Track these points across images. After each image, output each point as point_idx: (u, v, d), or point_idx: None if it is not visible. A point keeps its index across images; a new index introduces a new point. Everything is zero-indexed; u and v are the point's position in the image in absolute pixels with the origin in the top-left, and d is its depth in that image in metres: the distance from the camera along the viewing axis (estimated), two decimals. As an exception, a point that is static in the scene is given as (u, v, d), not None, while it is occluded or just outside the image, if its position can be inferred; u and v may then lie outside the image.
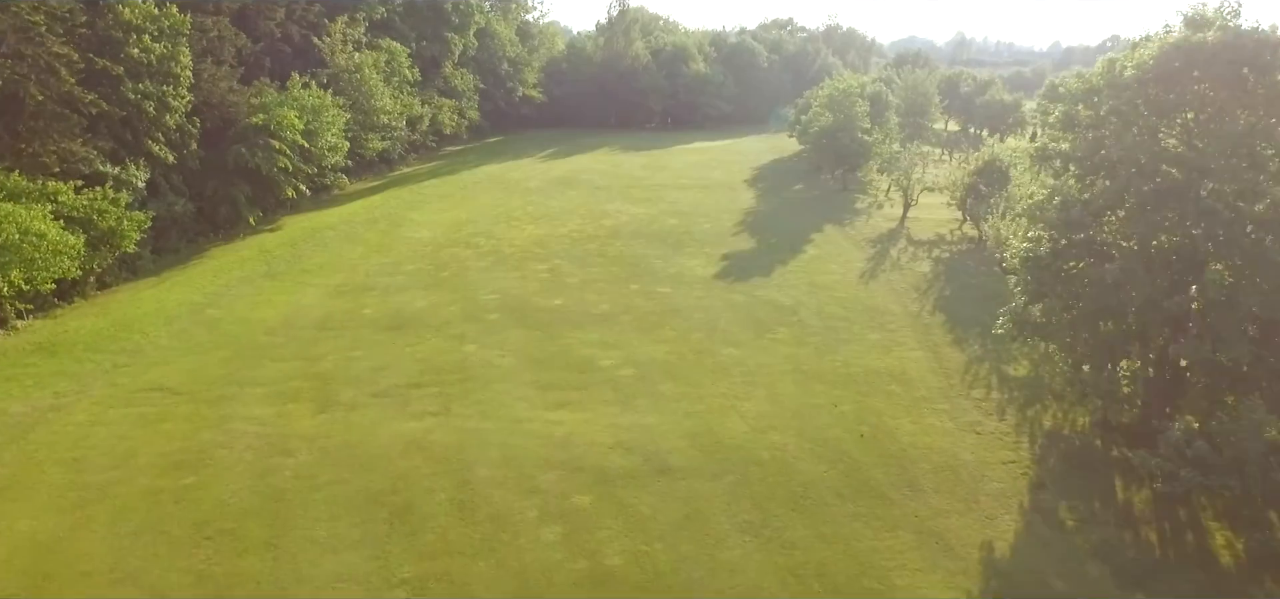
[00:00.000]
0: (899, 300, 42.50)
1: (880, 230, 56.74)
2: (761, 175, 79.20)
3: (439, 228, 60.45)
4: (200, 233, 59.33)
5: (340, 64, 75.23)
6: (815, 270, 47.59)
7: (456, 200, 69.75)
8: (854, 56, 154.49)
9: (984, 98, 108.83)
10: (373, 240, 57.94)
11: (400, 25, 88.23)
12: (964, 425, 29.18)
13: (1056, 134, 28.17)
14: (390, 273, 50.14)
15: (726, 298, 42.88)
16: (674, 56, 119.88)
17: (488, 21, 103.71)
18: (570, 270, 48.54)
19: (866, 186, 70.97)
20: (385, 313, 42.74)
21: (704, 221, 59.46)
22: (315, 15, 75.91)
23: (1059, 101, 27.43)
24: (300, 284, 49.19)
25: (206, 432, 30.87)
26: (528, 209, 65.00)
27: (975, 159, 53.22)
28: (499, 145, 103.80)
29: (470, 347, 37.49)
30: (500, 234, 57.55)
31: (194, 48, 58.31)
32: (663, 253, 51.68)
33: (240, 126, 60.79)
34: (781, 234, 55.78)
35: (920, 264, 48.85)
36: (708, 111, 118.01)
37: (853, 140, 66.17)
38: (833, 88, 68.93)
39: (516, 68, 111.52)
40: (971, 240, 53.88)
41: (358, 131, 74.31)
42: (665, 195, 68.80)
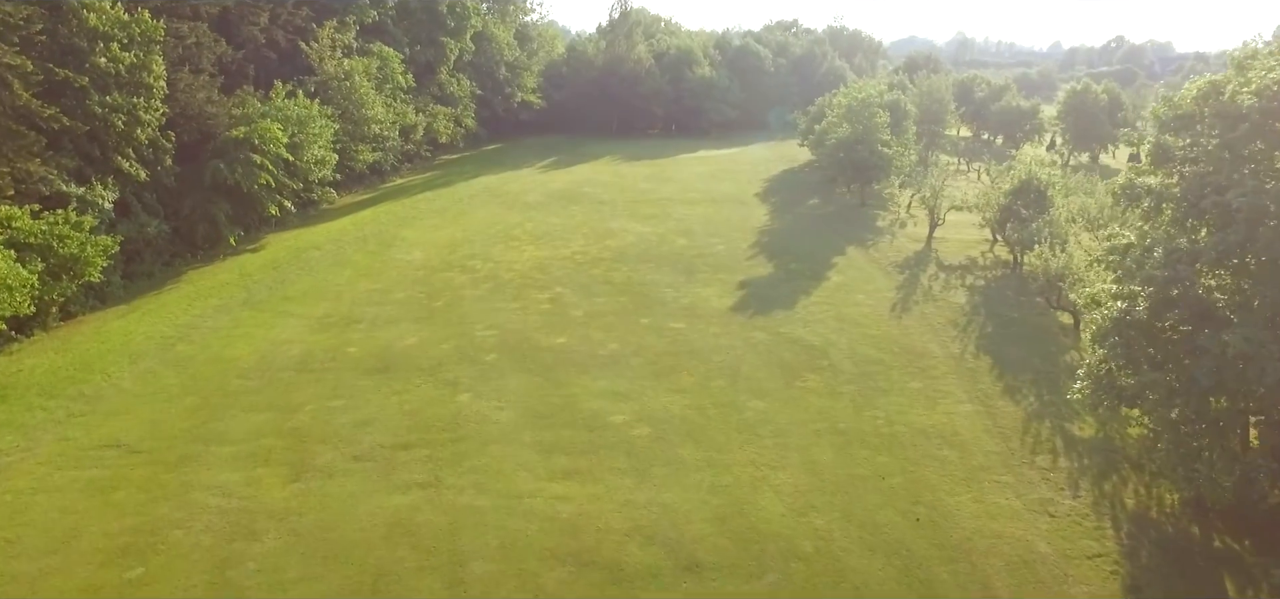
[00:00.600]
0: (937, 338, 38.57)
1: (906, 253, 52.81)
2: (773, 188, 75.27)
3: (432, 248, 56.48)
4: (176, 254, 55.37)
5: (329, 71, 71.23)
6: (842, 301, 43.66)
7: (452, 216, 65.78)
8: (861, 59, 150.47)
9: (999, 104, 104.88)
10: (361, 263, 53.98)
11: (393, 29, 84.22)
12: (1034, 505, 25.24)
13: (1143, 168, 24.23)
14: (378, 301, 46.19)
15: (747, 336, 38.93)
16: (678, 60, 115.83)
17: (485, 24, 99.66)
18: (574, 300, 44.59)
19: (887, 202, 67.07)
20: (371, 351, 38.80)
21: (716, 242, 55.51)
22: (303, 19, 71.89)
23: (1168, 130, 23.20)
24: (281, 314, 45.27)
25: (163, 504, 26.96)
26: (527, 227, 61.03)
27: (1010, 177, 49.27)
28: (497, 154, 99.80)
29: (464, 396, 33.53)
30: (498, 256, 53.59)
31: (169, 56, 54.35)
32: (673, 279, 47.73)
33: (220, 140, 56.81)
34: (801, 257, 51.85)
35: (954, 294, 44.93)
36: (713, 117, 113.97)
37: (872, 153, 62.25)
38: (851, 98, 64.97)
39: (515, 72, 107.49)
40: (1005, 265, 49.98)
41: (347, 143, 70.35)
42: (673, 211, 64.85)
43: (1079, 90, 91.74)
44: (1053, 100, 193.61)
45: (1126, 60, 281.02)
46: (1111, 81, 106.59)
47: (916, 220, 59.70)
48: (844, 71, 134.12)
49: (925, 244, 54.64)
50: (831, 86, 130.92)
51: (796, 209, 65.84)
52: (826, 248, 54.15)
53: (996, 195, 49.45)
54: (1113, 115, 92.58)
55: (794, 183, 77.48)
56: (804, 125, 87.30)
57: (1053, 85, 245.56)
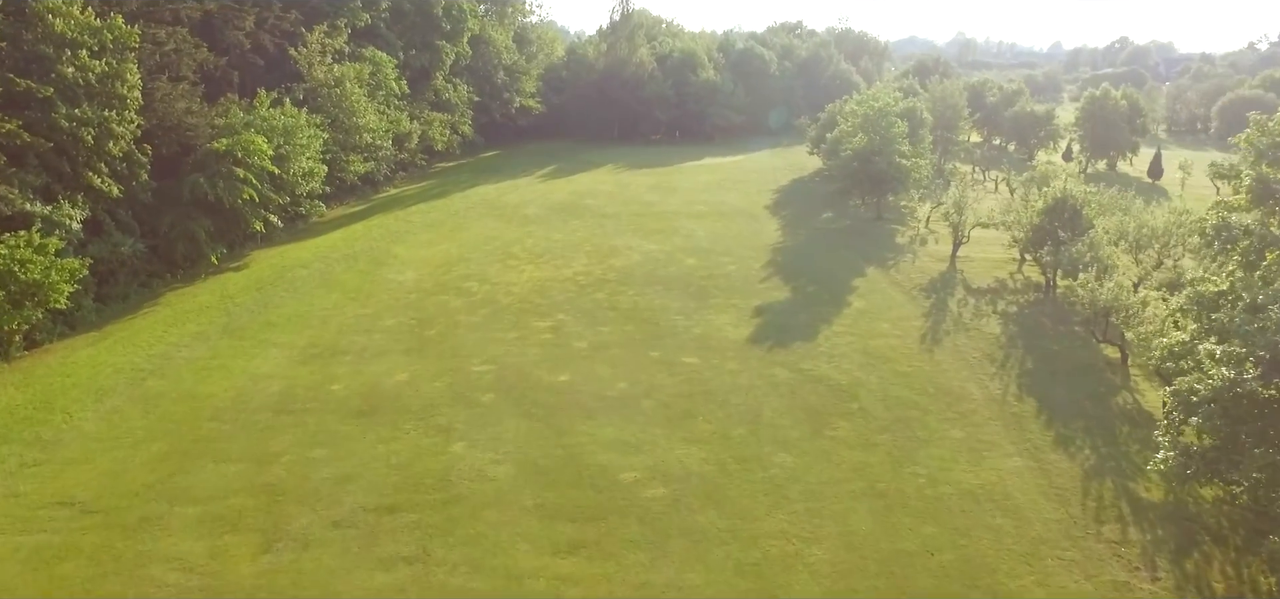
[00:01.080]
0: (974, 376, 35.37)
1: (929, 274, 49.61)
2: (783, 200, 72.06)
3: (426, 267, 53.25)
4: (154, 274, 52.15)
5: (318, 78, 68.00)
6: (866, 331, 40.44)
7: (446, 230, 62.53)
8: (867, 63, 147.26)
9: (1012, 110, 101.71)
10: (350, 283, 50.75)
11: (386, 33, 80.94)
12: (1108, 589, 22.05)
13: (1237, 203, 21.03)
14: (367, 329, 42.97)
15: (768, 373, 35.71)
16: (681, 63, 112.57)
17: (482, 27, 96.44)
18: (577, 329, 41.37)
19: (904, 216, 63.89)
20: (357, 389, 35.58)
21: (727, 261, 52.28)
22: (291, 23, 68.61)
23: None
24: (262, 343, 42.05)
25: (114, 579, 23.79)
26: (526, 243, 57.78)
27: (1043, 195, 46.05)
28: (494, 161, 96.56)
29: (458, 445, 30.31)
30: (495, 277, 50.36)
31: (145, 63, 51.15)
32: (684, 304, 44.51)
33: (200, 152, 53.57)
34: (818, 278, 48.65)
35: (986, 322, 41.73)
36: (717, 122, 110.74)
37: (890, 165, 59.08)
38: (867, 107, 61.75)
39: (513, 76, 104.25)
40: (1037, 288, 46.82)
41: (337, 153, 67.12)
42: (679, 226, 61.63)
43: (1098, 96, 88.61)
44: (1058, 102, 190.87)
45: (1132, 62, 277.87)
46: (1130, 86, 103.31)
47: (938, 237, 56.51)
48: (850, 75, 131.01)
49: (949, 264, 51.45)
50: (838, 90, 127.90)
51: (810, 223, 62.63)
52: (845, 268, 50.94)
53: (1028, 214, 46.22)
54: (1132, 121, 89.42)
55: (805, 194, 74.27)
56: (814, 133, 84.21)
57: (1058, 87, 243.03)
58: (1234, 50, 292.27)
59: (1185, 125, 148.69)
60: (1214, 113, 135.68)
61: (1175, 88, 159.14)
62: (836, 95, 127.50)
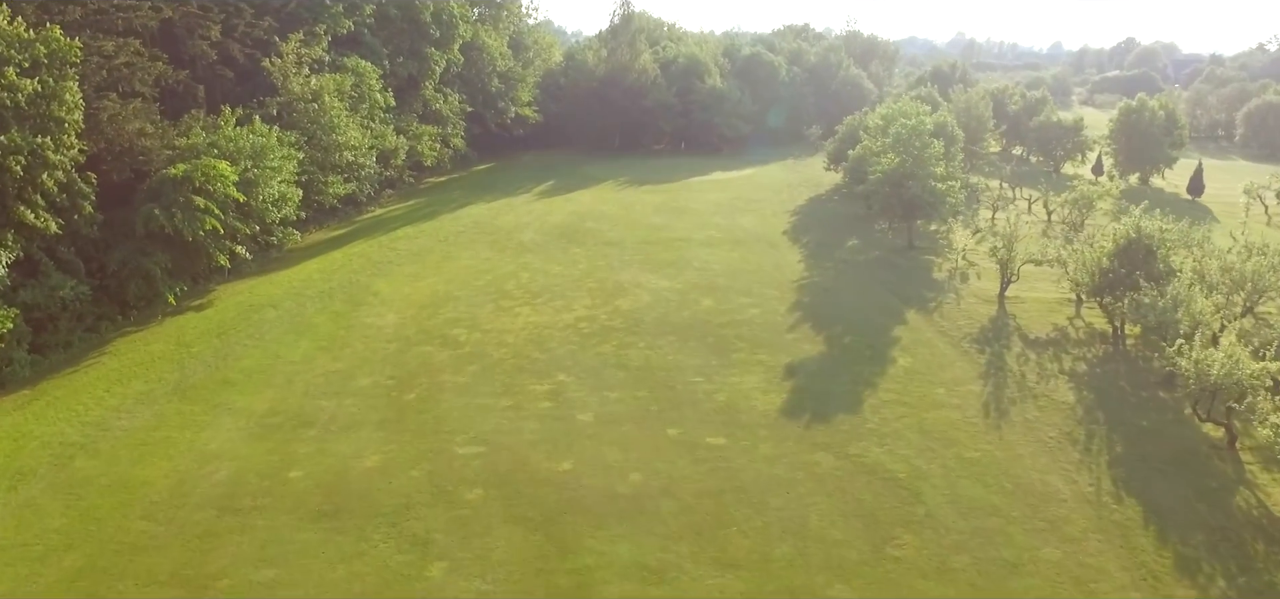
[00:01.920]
0: (1056, 463, 29.65)
1: (978, 319, 43.88)
2: (803, 223, 66.28)
3: (408, 308, 47.45)
4: (103, 317, 46.29)
5: (294, 91, 62.11)
6: (919, 398, 34.70)
7: (434, 261, 56.68)
8: (877, 67, 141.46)
9: (1038, 119, 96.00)
10: (322, 329, 44.96)
11: (371, 40, 75.04)
12: None
13: None
14: (338, 390, 37.21)
15: (809, 459, 29.96)
16: (686, 69, 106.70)
17: (475, 33, 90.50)
18: (580, 395, 35.58)
19: (937, 243, 58.13)
20: (320, 478, 29.82)
21: (748, 303, 46.51)
22: (264, 31, 62.70)
23: None
24: (215, 408, 36.33)
25: None
26: (521, 278, 51.98)
27: (1115, 234, 40.27)
28: (488, 175, 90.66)
29: (436, 567, 24.56)
30: (486, 322, 44.57)
31: (91, 80, 45.34)
32: (703, 360, 38.75)
33: (156, 179, 47.72)
34: (854, 325, 42.92)
35: (1055, 385, 36.00)
36: (724, 132, 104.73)
37: (925, 190, 53.33)
38: (899, 125, 55.94)
39: (509, 84, 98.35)
40: (1103, 338, 41.14)
41: (315, 173, 61.28)
42: (692, 256, 55.84)
43: (1134, 107, 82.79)
44: (1068, 106, 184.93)
45: (1139, 63, 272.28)
46: (1165, 95, 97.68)
47: (979, 272, 50.78)
48: (861, 80, 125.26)
49: (997, 306, 45.73)
50: (849, 96, 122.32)
51: (835, 253, 56.85)
52: (881, 311, 45.19)
53: (1095, 255, 40.48)
54: (1169, 132, 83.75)
55: (825, 216, 68.50)
56: (833, 147, 78.56)
57: (1067, 90, 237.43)
58: (1242, 51, 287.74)
59: (1206, 132, 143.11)
60: (1239, 119, 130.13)
61: (1195, 93, 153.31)
62: (847, 101, 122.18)
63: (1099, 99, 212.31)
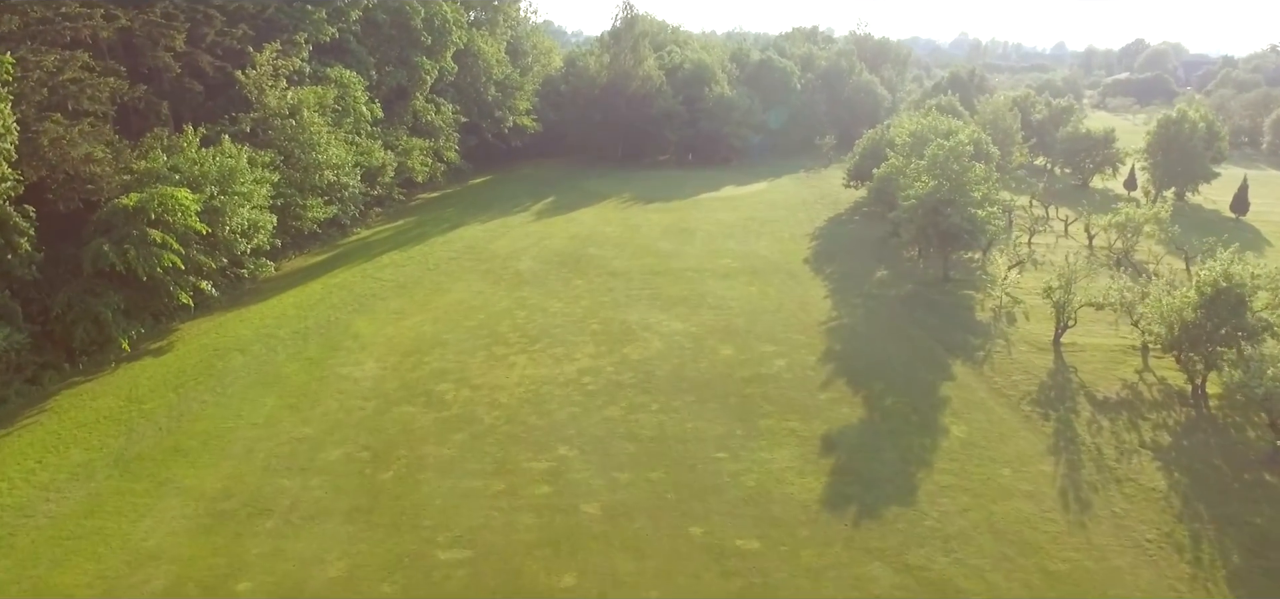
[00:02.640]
0: (1164, 580, 24.47)
1: (1034, 373, 38.66)
2: (824, 248, 61.02)
3: (390, 354, 42.27)
4: (47, 365, 41.15)
5: (270, 105, 56.86)
6: (983, 483, 29.49)
7: (421, 295, 51.47)
8: (890, 71, 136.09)
9: (1065, 129, 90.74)
10: (293, 380, 39.80)
11: (356, 48, 69.80)
12: None
13: None
14: (303, 466, 32.07)
15: (862, 572, 24.77)
16: (692, 76, 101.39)
17: (470, 39, 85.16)
18: (585, 476, 30.39)
19: (974, 273, 52.90)
20: (273, 593, 24.63)
21: (772, 352, 41.31)
22: (237, 40, 57.44)
23: None
24: (161, 486, 31.33)
25: None
26: (517, 317, 46.79)
27: (1199, 281, 35.03)
28: (484, 190, 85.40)
29: None
30: (477, 375, 39.38)
31: (30, 98, 40.09)
32: (726, 428, 33.55)
33: (107, 210, 42.54)
34: (895, 381, 37.71)
35: (1139, 465, 30.79)
36: (733, 143, 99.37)
37: (965, 218, 48.11)
38: (936, 148, 50.60)
39: (506, 92, 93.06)
40: (1181, 397, 35.93)
41: (292, 196, 56.03)
42: (706, 291, 50.63)
43: (1173, 119, 77.50)
44: (1082, 110, 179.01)
45: (1150, 65, 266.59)
46: (1205, 106, 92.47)
47: (1026, 310, 45.60)
48: (874, 86, 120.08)
49: (1053, 355, 40.53)
50: (862, 103, 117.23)
51: (863, 286, 51.60)
52: (923, 362, 39.97)
53: (1176, 306, 35.24)
54: (1210, 145, 78.52)
55: (848, 240, 63.24)
56: (854, 163, 73.38)
57: (1078, 92, 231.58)
58: (1255, 53, 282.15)
59: (1231, 141, 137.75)
60: (1267, 126, 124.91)
61: (1218, 99, 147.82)
62: (860, 109, 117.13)
63: (1111, 103, 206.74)
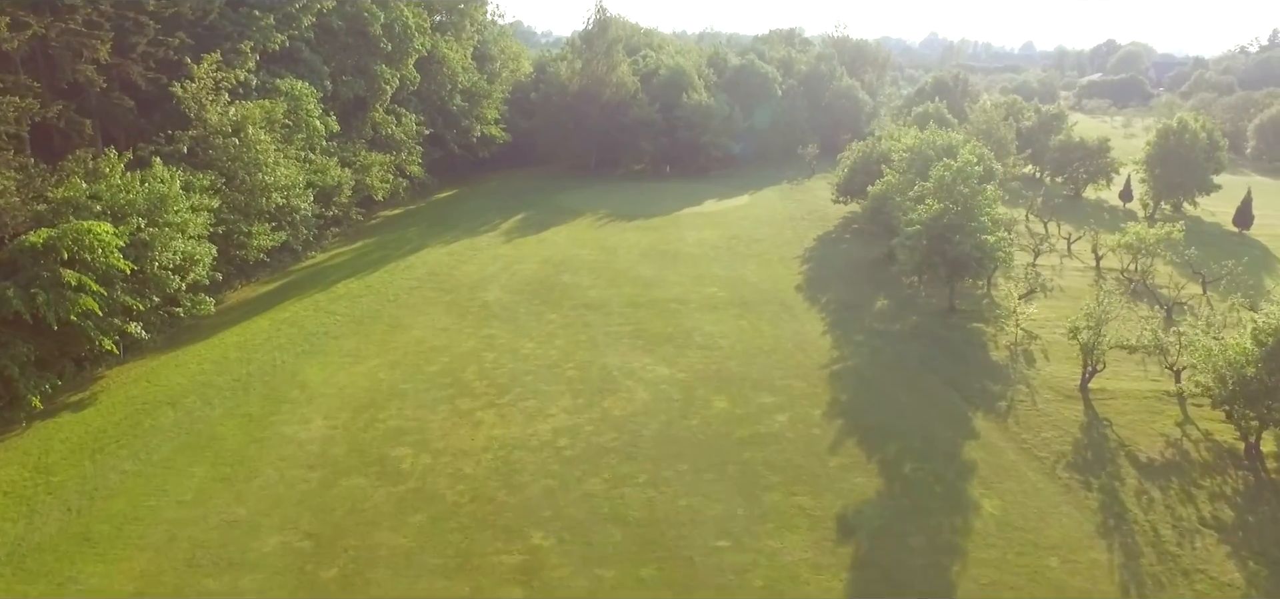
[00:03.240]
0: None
1: (1065, 427, 34.61)
2: (816, 272, 56.80)
3: (341, 408, 37.40)
4: (-58, 428, 35.77)
5: (211, 122, 51.63)
6: (1028, 576, 25.30)
7: (378, 333, 46.56)
8: (871, 76, 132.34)
9: (1058, 137, 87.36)
10: (228, 443, 34.84)
11: (309, 57, 64.56)
12: None
13: None
14: (234, 558, 27.29)
15: (904, 716, 20.38)
16: (669, 82, 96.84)
17: (434, 45, 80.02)
18: (563, 574, 25.83)
19: (981, 302, 48.92)
20: None
21: (771, 403, 36.94)
22: (174, 50, 52.12)
23: None
24: (59, 591, 26.33)
25: None
26: (485, 362, 42.06)
27: (1259, 331, 31.07)
28: (450, 206, 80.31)
29: None
30: (438, 436, 34.64)
31: (-82, 125, 34.73)
32: (726, 507, 29.11)
33: (10, 249, 37.28)
34: (911, 442, 33.46)
35: (1205, 549, 26.77)
36: (712, 152, 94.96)
37: (975, 245, 44.07)
38: (944, 169, 46.42)
39: (473, 101, 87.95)
40: (1232, 456, 32.02)
41: (236, 222, 50.85)
42: (692, 326, 46.21)
43: (1174, 128, 74.23)
44: (1043, 105, 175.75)
45: (1123, 66, 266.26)
46: (1204, 114, 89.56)
47: (1045, 349, 41.68)
48: (855, 91, 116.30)
49: (1083, 404, 36.54)
50: (844, 109, 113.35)
51: (863, 319, 47.42)
52: (940, 415, 35.78)
53: (1229, 359, 31.28)
54: (1211, 155, 75.39)
55: (841, 263, 59.08)
56: (842, 177, 69.30)
57: (1054, 94, 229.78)
58: (1225, 54, 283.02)
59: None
60: (1251, 131, 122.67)
61: (1199, 103, 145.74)
62: (841, 115, 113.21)
63: (1088, 104, 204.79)
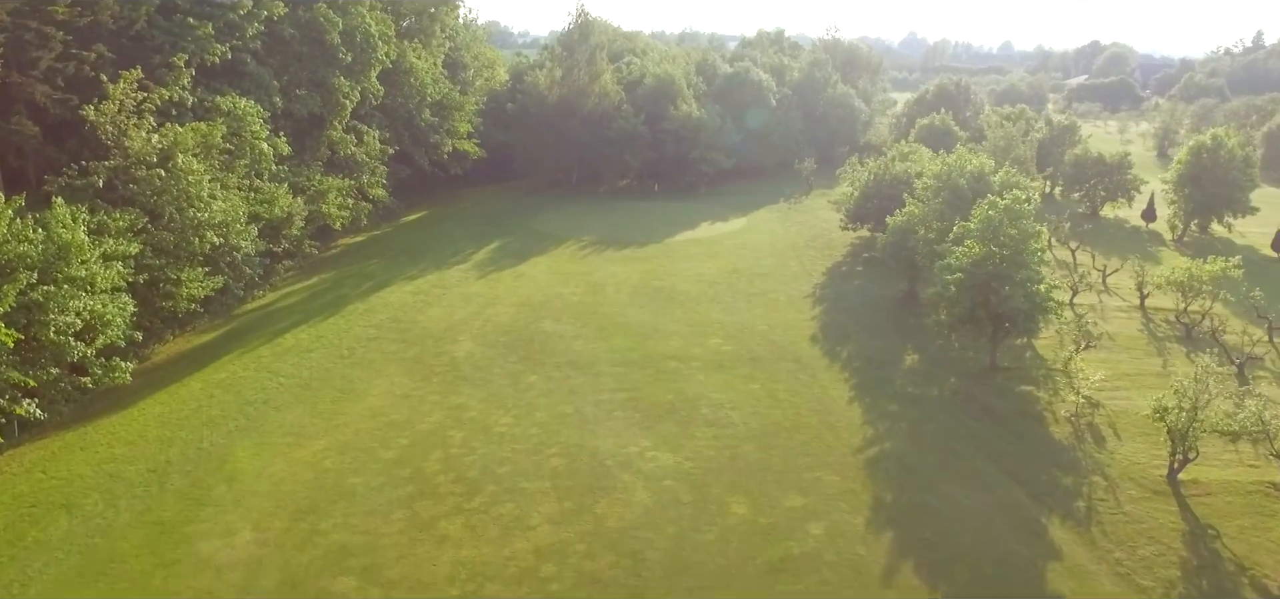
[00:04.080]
0: None
1: (1160, 536, 28.32)
2: (832, 317, 50.26)
3: (275, 516, 30.37)
4: None
5: (134, 150, 44.37)
6: None
7: (327, 401, 39.51)
8: (865, 82, 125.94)
9: (1074, 151, 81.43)
10: (129, 568, 27.97)
11: (256, 70, 57.20)
12: None
13: None
14: None
15: None
16: (656, 92, 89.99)
17: (401, 54, 72.68)
18: None
19: (1024, 357, 42.58)
20: None
21: (801, 508, 30.33)
22: (90, 64, 44.73)
23: None
24: None
25: None
26: (451, 445, 35.12)
27: None
28: (418, 232, 73.09)
29: None
30: (392, 561, 27.73)
31: None
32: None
33: None
34: (981, 567, 26.98)
35: None
36: (704, 169, 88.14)
37: (1026, 297, 37.69)
38: (989, 206, 39.81)
39: (444, 114, 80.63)
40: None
41: (162, 267, 43.58)
42: (698, 392, 39.54)
43: (1208, 145, 68.47)
44: (1041, 111, 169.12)
45: (1111, 68, 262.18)
46: (1235, 130, 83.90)
47: (1113, 421, 35.39)
48: (850, 98, 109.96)
49: (1176, 502, 30.24)
50: (839, 119, 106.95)
51: (893, 379, 40.96)
52: (1008, 523, 29.29)
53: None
54: (1246, 173, 69.69)
55: (856, 303, 52.60)
56: (852, 202, 62.93)
57: (1043, 98, 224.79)
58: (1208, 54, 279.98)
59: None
60: (1259, 139, 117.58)
61: (1201, 109, 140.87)
62: (836, 124, 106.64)
63: (1079, 108, 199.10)
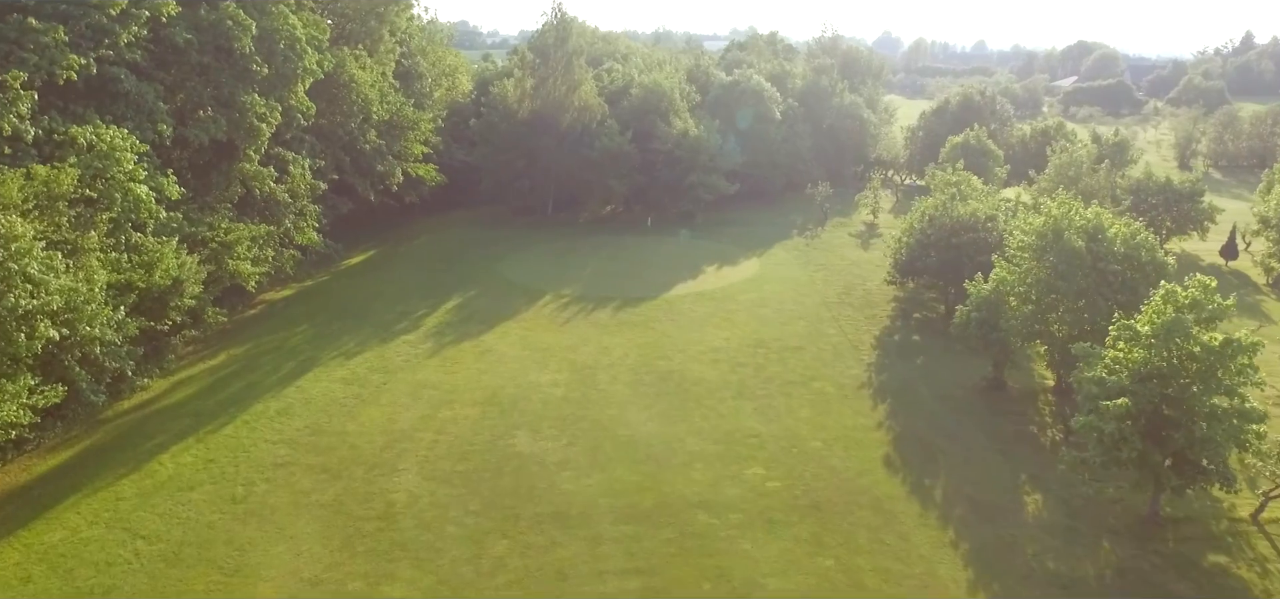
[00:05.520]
0: None
1: None
2: (906, 420, 37.83)
3: None
4: None
5: (-74, 210, 30.70)
6: None
7: (211, 564, 26.34)
8: (870, 88, 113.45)
9: (1131, 172, 69.85)
10: None
11: (135, 88, 43.33)
12: None
13: None
14: None
15: None
16: (644, 106, 76.94)
17: (339, 63, 58.89)
18: None
19: (1206, 514, 30.41)
20: None
21: None
22: None
23: None
24: None
25: None
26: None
27: None
28: (360, 281, 59.30)
29: None
30: None
31: None
32: None
33: None
34: None
35: None
36: (702, 195, 75.09)
37: (1229, 433, 25.56)
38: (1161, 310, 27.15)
39: (394, 134, 66.86)
40: None
41: (-37, 381, 29.98)
42: (743, 575, 26.99)
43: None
44: (1036, 116, 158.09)
45: (1100, 69, 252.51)
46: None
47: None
48: (858, 108, 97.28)
49: None
50: (848, 132, 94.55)
51: (1023, 543, 28.58)
52: None
53: None
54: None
55: (931, 397, 40.27)
56: (906, 254, 50.57)
57: (1037, 101, 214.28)
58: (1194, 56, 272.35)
59: (1241, 161, 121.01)
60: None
61: (1223, 116, 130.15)
62: (847, 138, 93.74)
63: (1077, 113, 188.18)
